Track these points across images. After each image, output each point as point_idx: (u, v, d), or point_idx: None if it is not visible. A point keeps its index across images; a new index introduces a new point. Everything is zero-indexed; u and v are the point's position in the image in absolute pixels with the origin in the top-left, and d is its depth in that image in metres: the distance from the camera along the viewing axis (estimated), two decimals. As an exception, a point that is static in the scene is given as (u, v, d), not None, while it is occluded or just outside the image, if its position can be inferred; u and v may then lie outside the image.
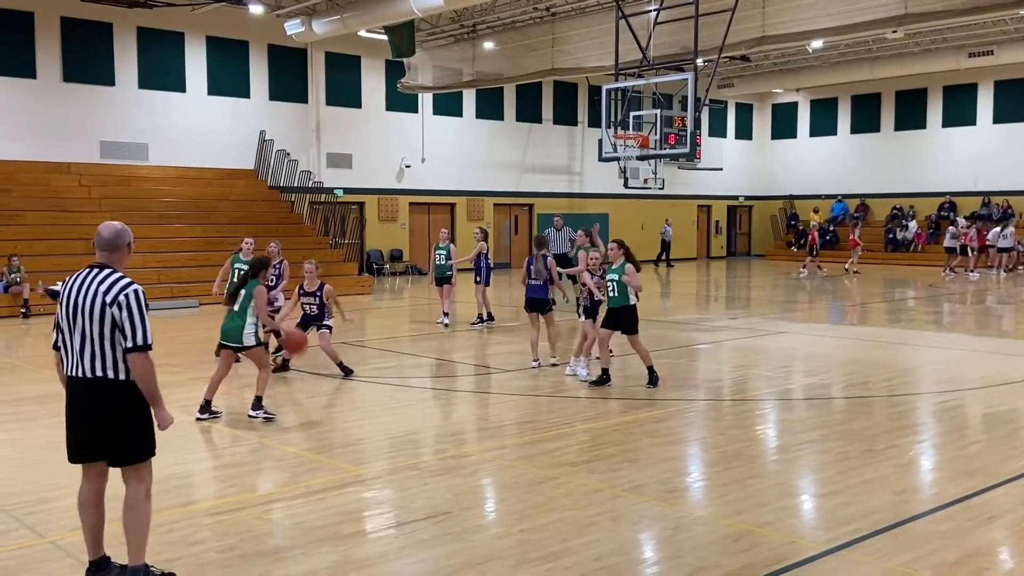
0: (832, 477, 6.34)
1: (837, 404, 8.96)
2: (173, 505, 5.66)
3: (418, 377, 10.44)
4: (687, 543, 5.03)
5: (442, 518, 5.42)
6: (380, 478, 6.40)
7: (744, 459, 6.82)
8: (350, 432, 7.92)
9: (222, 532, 5.21)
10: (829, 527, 5.29)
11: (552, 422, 8.03)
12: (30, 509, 5.62)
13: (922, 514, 5.49)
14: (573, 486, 6.06)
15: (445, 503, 5.71)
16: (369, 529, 5.39)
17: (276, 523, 5.45)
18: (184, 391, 9.04)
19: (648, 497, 5.85)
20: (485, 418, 8.50)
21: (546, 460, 6.73)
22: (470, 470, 6.59)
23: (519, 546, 4.98)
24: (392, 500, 5.91)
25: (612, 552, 4.88)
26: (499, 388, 9.67)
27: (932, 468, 6.76)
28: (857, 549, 4.90)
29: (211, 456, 6.88)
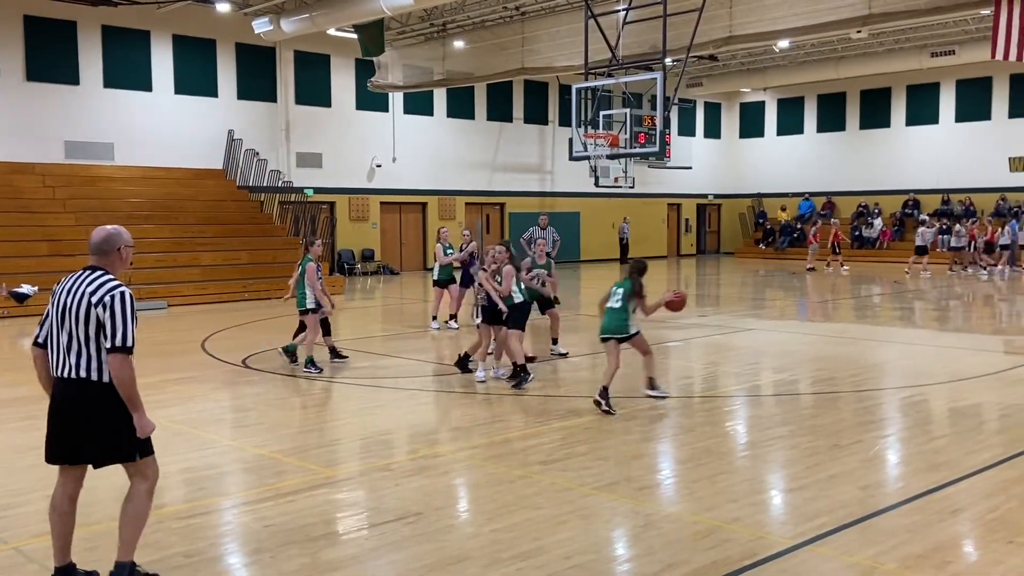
0: (800, 472, 6.42)
1: (805, 400, 9.07)
2: (141, 509, 5.58)
3: (391, 378, 10.42)
4: (658, 540, 5.06)
5: (413, 519, 5.42)
6: (351, 479, 6.38)
7: (713, 455, 6.88)
8: (322, 433, 7.89)
9: (191, 536, 5.17)
10: (797, 522, 5.36)
11: (522, 421, 8.05)
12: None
13: (887, 508, 5.57)
14: (544, 485, 6.08)
15: (416, 504, 5.71)
16: (340, 531, 5.37)
17: (245, 527, 5.42)
18: (154, 394, 8.94)
19: (619, 495, 5.89)
20: (456, 418, 8.50)
21: (517, 459, 6.75)
22: (441, 470, 6.59)
23: (491, 546, 4.99)
24: (363, 501, 5.89)
25: (583, 550, 4.91)
26: (470, 388, 9.67)
27: (897, 462, 6.86)
28: (824, 544, 4.96)
29: (181, 459, 6.81)
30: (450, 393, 9.58)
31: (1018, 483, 6.11)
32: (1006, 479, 6.19)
